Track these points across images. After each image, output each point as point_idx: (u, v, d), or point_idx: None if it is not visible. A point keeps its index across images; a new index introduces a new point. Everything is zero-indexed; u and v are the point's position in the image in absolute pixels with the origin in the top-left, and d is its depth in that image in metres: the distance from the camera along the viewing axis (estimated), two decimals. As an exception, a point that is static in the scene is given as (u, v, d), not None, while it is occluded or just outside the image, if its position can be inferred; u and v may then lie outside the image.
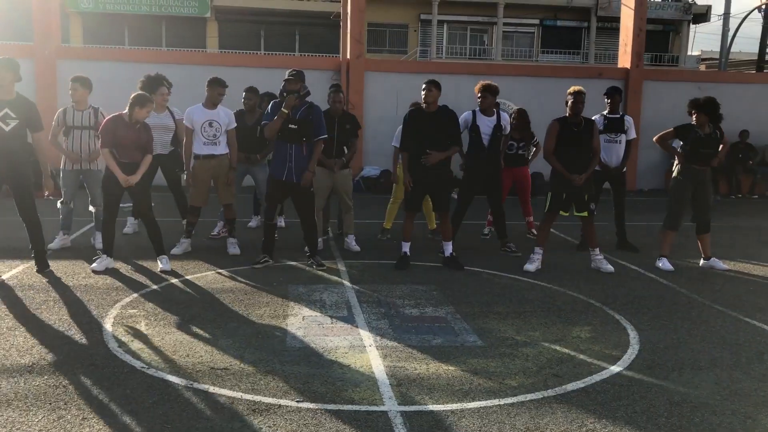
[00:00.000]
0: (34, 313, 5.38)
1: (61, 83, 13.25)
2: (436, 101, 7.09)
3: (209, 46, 32.55)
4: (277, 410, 3.78)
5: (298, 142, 6.82)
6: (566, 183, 7.06)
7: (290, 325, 5.27)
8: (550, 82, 14.88)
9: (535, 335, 5.17)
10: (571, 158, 7.04)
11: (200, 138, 7.55)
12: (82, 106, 7.57)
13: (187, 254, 7.53)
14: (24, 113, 6.44)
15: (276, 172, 6.91)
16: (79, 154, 7.54)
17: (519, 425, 3.66)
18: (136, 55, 15.01)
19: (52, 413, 3.67)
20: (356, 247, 8.00)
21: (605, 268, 7.20)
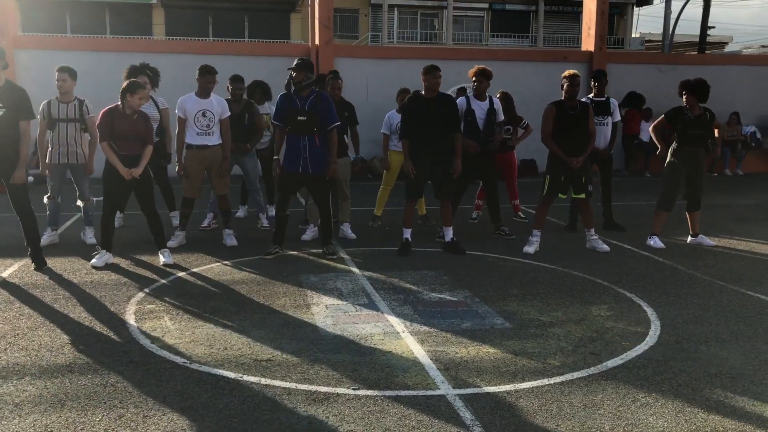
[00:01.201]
0: (50, 312, 5.24)
1: (19, 73, 12.78)
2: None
3: (156, 34, 31.76)
4: (336, 399, 3.79)
5: (310, 134, 6.76)
6: (564, 166, 7.21)
7: (316, 314, 5.26)
8: (519, 66, 15.08)
9: (557, 315, 5.30)
10: (568, 141, 7.19)
11: (193, 128, 7.43)
12: (68, 98, 7.35)
13: (184, 247, 7.43)
14: (12, 101, 6.17)
15: (290, 165, 6.84)
16: (65, 147, 7.33)
17: (576, 402, 3.77)
18: (96, 43, 14.55)
19: (111, 412, 3.60)
20: (352, 235, 8.01)
21: (601, 248, 7.40)
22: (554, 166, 7.30)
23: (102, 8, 31.59)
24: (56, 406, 3.66)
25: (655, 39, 40.20)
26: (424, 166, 7.14)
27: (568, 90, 7.20)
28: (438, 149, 7.08)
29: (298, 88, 6.76)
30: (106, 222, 6.66)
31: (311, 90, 6.84)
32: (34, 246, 6.52)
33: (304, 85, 6.77)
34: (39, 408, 3.63)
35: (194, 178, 7.48)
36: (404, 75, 14.34)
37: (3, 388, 3.88)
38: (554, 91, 13.97)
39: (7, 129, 6.19)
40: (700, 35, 30.39)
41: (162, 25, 32.18)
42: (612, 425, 3.51)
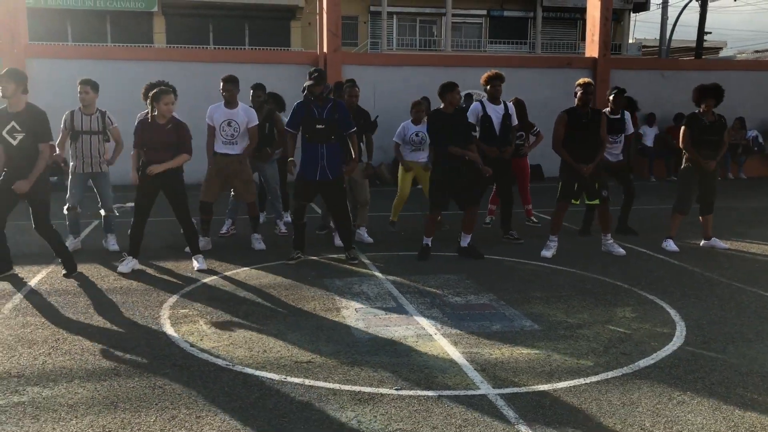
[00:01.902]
0: (86, 317, 5.33)
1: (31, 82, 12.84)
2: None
3: (156, 42, 31.86)
4: (380, 399, 3.89)
5: (328, 141, 6.88)
6: (576, 173, 7.33)
7: (347, 317, 5.37)
8: (524, 72, 15.22)
9: (584, 317, 5.41)
10: (579, 148, 7.31)
11: (219, 137, 7.53)
12: (90, 110, 7.45)
13: (207, 253, 7.48)
14: (30, 126, 6.15)
15: (307, 172, 6.94)
16: (89, 158, 7.42)
17: (614, 401, 3.88)
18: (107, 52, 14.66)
19: (164, 413, 3.70)
20: (369, 239, 8.11)
21: (617, 252, 7.52)
22: (567, 172, 7.41)
23: (103, 17, 31.65)
24: (110, 408, 3.75)
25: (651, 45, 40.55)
26: (449, 179, 7.24)
27: (581, 98, 7.32)
28: (460, 161, 7.21)
29: (317, 98, 6.88)
30: (136, 229, 6.73)
31: (328, 99, 6.98)
32: (65, 257, 6.57)
33: (324, 95, 6.90)
34: (93, 410, 3.73)
35: (211, 182, 7.54)
36: (411, 82, 14.50)
37: (54, 390, 3.97)
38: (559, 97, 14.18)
39: (28, 152, 6.17)
40: (696, 40, 30.68)
41: (163, 34, 32.28)
42: (652, 422, 3.62)
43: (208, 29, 33.25)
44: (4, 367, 4.30)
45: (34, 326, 5.09)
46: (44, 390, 3.97)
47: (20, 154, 6.16)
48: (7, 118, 6.14)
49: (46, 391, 3.96)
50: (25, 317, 5.30)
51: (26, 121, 6.16)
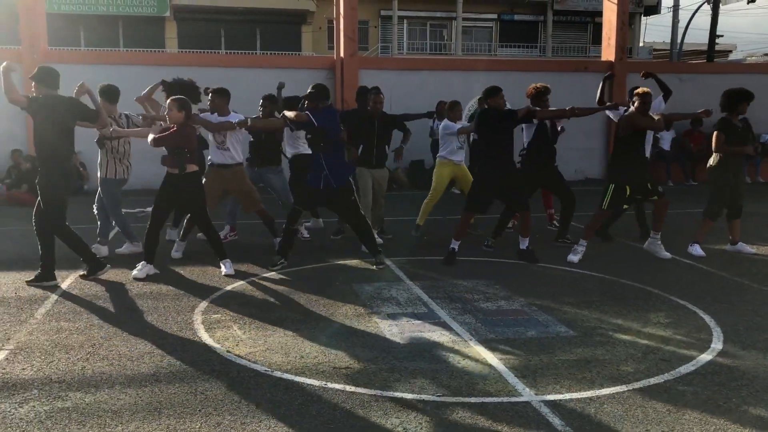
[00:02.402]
0: (119, 322, 5.33)
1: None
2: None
3: (168, 47, 31.97)
4: (423, 405, 3.88)
5: (323, 150, 6.91)
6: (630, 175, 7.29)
7: (380, 323, 5.35)
8: (540, 76, 15.16)
9: (618, 323, 5.38)
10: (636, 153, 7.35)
11: (213, 143, 7.51)
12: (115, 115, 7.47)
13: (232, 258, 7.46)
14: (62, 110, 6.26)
15: (313, 181, 6.98)
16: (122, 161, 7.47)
17: (659, 408, 3.85)
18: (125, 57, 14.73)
19: (208, 419, 3.69)
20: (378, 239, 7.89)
21: (663, 255, 7.47)
22: (620, 175, 7.35)
23: (115, 22, 31.80)
24: (154, 414, 3.75)
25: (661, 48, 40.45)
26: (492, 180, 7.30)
27: (639, 107, 7.29)
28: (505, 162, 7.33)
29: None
30: (151, 236, 6.72)
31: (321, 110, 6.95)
32: (88, 257, 6.61)
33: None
34: (138, 416, 3.72)
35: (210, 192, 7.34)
36: (427, 86, 14.52)
37: (96, 396, 3.97)
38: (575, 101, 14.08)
39: (50, 139, 6.23)
40: (708, 44, 30.55)
41: (174, 39, 32.40)
42: (700, 430, 3.60)
43: (219, 34, 33.37)
44: (44, 373, 4.31)
45: (68, 331, 5.10)
46: (86, 396, 3.97)
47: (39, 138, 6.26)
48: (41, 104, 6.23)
49: (88, 396, 3.96)
50: (58, 322, 5.31)
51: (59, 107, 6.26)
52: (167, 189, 6.67)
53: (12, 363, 4.46)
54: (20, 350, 4.69)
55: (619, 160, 7.34)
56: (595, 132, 15.41)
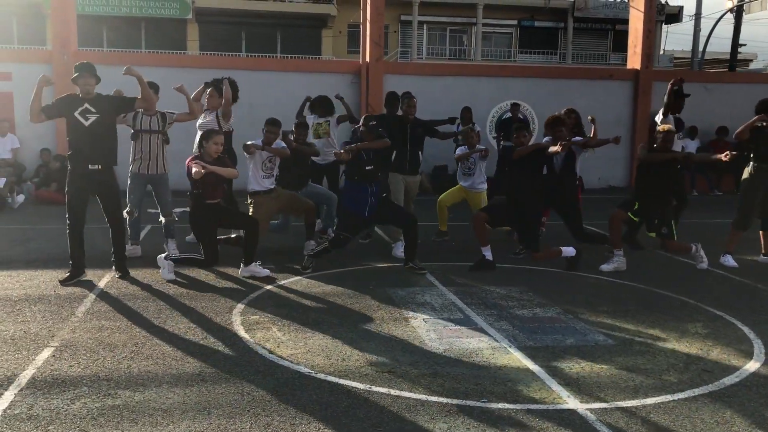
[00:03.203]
0: (159, 322, 5.38)
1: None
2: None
3: (190, 49, 32.19)
4: (469, 411, 3.89)
5: (375, 179, 7.06)
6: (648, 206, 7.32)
7: (417, 327, 5.37)
8: (564, 83, 15.19)
9: (656, 332, 5.37)
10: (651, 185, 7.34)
11: (259, 173, 7.55)
12: (152, 112, 7.54)
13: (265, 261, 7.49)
14: (107, 106, 6.47)
15: (358, 208, 7.02)
16: (147, 158, 7.52)
17: (707, 419, 3.84)
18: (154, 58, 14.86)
19: (257, 420, 3.72)
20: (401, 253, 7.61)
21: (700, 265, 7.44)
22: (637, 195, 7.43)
23: (138, 23, 32.05)
24: (203, 413, 3.79)
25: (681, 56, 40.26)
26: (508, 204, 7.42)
27: (661, 145, 7.28)
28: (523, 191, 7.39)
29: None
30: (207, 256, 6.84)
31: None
32: (121, 255, 6.71)
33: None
34: (188, 415, 3.76)
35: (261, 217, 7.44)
36: (452, 91, 14.53)
37: (145, 394, 4.02)
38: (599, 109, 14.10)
39: (103, 133, 6.42)
40: (731, 52, 30.37)
41: (196, 41, 32.61)
42: (750, 441, 3.59)
43: (240, 37, 33.57)
44: (91, 370, 4.36)
45: (110, 330, 5.16)
46: (135, 394, 4.01)
47: (91, 137, 6.37)
48: (80, 101, 6.35)
49: (137, 395, 4.00)
50: (99, 321, 5.37)
51: (100, 102, 6.42)
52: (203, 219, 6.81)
53: (59, 360, 4.51)
54: (65, 348, 4.75)
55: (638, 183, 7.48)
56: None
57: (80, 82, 6.37)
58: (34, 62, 13.14)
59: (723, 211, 10.32)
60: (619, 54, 35.47)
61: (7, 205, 10.96)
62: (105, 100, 6.53)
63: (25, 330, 5.10)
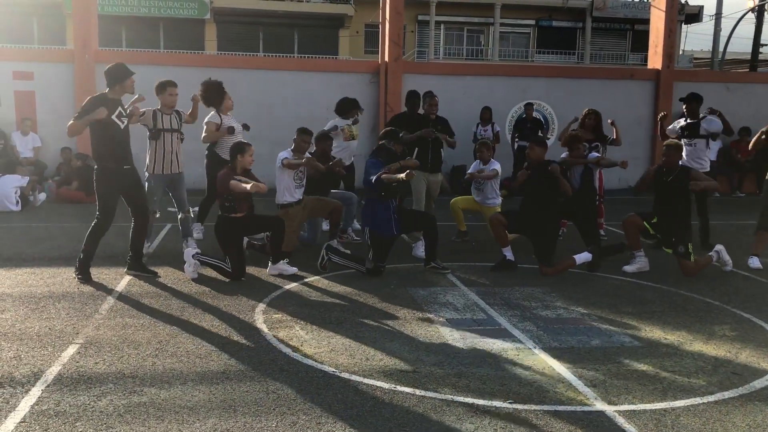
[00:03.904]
0: (182, 320, 5.39)
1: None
2: None
3: (207, 49, 32.33)
4: (496, 412, 3.86)
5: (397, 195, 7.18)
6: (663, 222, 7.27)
7: (440, 327, 5.34)
8: (584, 83, 15.08)
9: (682, 334, 5.31)
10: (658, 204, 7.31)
11: (292, 184, 7.55)
12: (170, 110, 7.56)
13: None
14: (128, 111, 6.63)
15: (384, 229, 6.99)
16: (169, 156, 7.53)
17: (738, 423, 3.78)
18: (175, 58, 14.91)
19: (284, 418, 3.71)
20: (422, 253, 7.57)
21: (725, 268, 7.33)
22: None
23: (156, 23, 32.23)
24: (229, 411, 3.78)
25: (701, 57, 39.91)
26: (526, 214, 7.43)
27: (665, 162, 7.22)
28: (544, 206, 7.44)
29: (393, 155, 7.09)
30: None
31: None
32: (138, 252, 6.74)
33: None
34: (214, 413, 3.76)
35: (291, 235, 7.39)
36: (471, 91, 14.47)
37: (170, 392, 4.02)
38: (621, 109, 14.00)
39: (128, 136, 6.61)
40: (752, 52, 30.05)
41: (214, 41, 32.75)
42: (783, 445, 3.53)
43: (258, 37, 33.67)
44: (116, 367, 4.37)
45: (134, 327, 5.17)
46: (161, 391, 4.02)
47: (125, 139, 6.51)
48: (114, 104, 6.41)
49: (162, 392, 4.01)
50: (123, 318, 5.39)
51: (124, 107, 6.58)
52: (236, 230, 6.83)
53: (84, 357, 4.53)
54: (90, 345, 4.77)
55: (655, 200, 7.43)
56: (639, 141, 15.20)
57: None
58: (56, 62, 13.23)
59: (746, 213, 10.21)
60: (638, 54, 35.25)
61: (29, 204, 11.04)
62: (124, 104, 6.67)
63: (50, 327, 5.13)
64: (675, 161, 7.20)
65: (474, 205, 8.75)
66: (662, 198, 7.24)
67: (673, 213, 7.14)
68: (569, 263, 7.15)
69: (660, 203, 7.28)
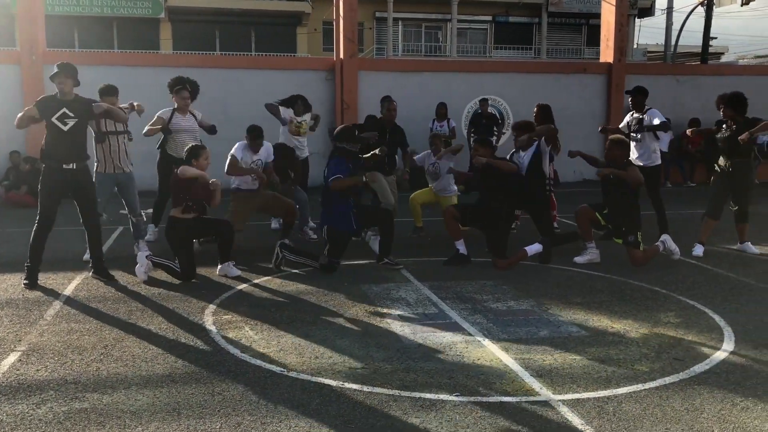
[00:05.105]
0: (130, 324, 5.31)
1: (48, 89, 12.84)
2: None
3: (163, 48, 31.86)
4: (443, 405, 3.88)
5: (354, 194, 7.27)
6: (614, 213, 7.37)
7: (392, 323, 5.35)
8: (539, 78, 15.25)
9: (628, 323, 5.40)
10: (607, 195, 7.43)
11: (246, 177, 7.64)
12: None
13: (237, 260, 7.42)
14: (83, 111, 6.37)
15: (344, 225, 6.98)
16: (116, 159, 7.43)
17: (677, 407, 3.86)
18: (129, 58, 14.70)
19: (228, 419, 3.68)
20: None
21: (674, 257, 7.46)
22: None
23: (110, 23, 31.69)
24: (173, 415, 3.73)
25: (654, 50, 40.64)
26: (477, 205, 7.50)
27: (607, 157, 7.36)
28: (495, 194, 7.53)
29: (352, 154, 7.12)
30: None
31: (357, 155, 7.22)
32: (98, 257, 6.62)
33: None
34: (157, 416, 3.71)
35: (238, 216, 7.64)
36: (428, 88, 14.52)
37: (113, 397, 3.95)
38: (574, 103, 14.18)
39: (78, 142, 6.41)
40: (702, 46, 30.69)
41: (169, 40, 32.29)
42: (720, 428, 3.61)
43: (214, 35, 33.30)
44: (58, 374, 4.28)
45: (79, 332, 5.08)
46: (104, 396, 3.95)
47: (70, 141, 6.31)
48: (58, 105, 6.24)
49: (105, 397, 3.94)
50: (69, 323, 5.29)
51: (79, 107, 6.32)
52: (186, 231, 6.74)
53: (26, 364, 4.43)
54: (33, 351, 4.67)
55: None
56: (593, 134, 15.37)
57: (56, 81, 6.30)
58: (2, 63, 12.93)
59: (697, 202, 10.44)
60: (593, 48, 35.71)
61: (-24, 209, 10.77)
62: (83, 104, 6.37)
63: (-8, 335, 5.01)
64: (616, 155, 7.28)
65: (432, 197, 8.80)
66: (610, 190, 7.35)
67: (621, 205, 7.25)
68: (521, 255, 7.22)
69: (608, 195, 7.39)
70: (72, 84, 6.31)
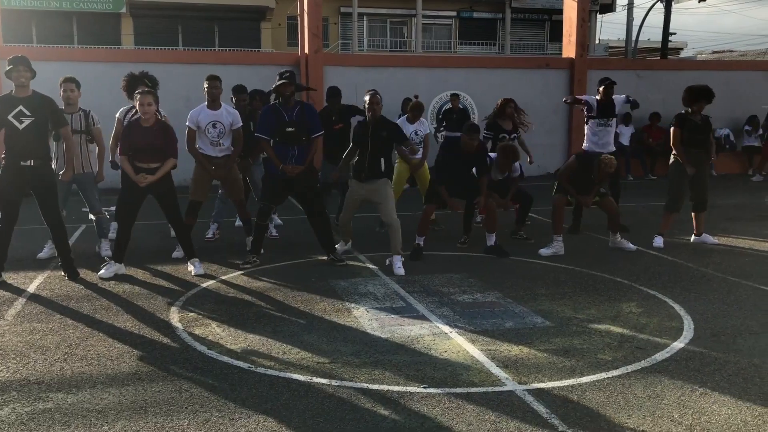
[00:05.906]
0: (95, 322, 5.24)
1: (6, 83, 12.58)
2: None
3: (124, 43, 31.37)
4: (410, 397, 3.91)
5: (299, 143, 6.85)
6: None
7: (360, 318, 5.37)
8: (502, 73, 15.37)
9: (592, 313, 5.50)
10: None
11: (205, 138, 7.37)
12: (73, 109, 7.30)
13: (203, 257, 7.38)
14: (42, 110, 6.22)
15: (277, 170, 6.83)
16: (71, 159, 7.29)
17: (639, 394, 3.95)
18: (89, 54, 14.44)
19: (196, 416, 3.67)
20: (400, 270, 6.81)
21: (628, 247, 7.69)
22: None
23: (69, 18, 31.09)
24: (139, 413, 3.71)
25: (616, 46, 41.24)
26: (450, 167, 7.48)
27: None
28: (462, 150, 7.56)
29: (284, 100, 6.84)
30: (122, 234, 6.62)
31: (296, 101, 6.92)
32: (66, 256, 6.52)
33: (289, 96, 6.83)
34: (123, 415, 3.68)
35: (200, 181, 7.39)
36: (393, 83, 14.53)
37: (79, 396, 3.91)
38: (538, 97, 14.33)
39: (35, 139, 6.23)
40: (662, 41, 31.25)
41: (131, 35, 31.80)
42: (680, 414, 3.71)
43: (177, 30, 32.86)
44: (21, 374, 4.22)
45: (42, 332, 5.00)
46: (68, 396, 3.91)
47: (25, 138, 6.16)
48: (14, 103, 6.10)
49: (70, 397, 3.90)
50: (31, 323, 5.20)
51: (36, 107, 6.18)
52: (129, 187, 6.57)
53: (-13, 365, 4.36)
54: (-6, 352, 4.59)
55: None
56: (556, 128, 15.64)
57: (13, 76, 6.14)
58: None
59: (658, 195, 10.62)
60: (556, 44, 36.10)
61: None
62: (41, 102, 6.23)
63: (-49, 336, 4.91)
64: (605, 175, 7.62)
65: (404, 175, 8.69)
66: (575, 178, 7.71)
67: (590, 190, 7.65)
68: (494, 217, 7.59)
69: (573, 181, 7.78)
70: (30, 76, 6.18)
